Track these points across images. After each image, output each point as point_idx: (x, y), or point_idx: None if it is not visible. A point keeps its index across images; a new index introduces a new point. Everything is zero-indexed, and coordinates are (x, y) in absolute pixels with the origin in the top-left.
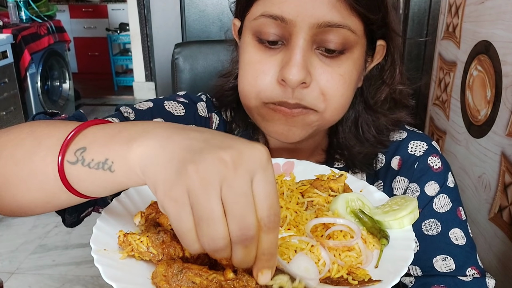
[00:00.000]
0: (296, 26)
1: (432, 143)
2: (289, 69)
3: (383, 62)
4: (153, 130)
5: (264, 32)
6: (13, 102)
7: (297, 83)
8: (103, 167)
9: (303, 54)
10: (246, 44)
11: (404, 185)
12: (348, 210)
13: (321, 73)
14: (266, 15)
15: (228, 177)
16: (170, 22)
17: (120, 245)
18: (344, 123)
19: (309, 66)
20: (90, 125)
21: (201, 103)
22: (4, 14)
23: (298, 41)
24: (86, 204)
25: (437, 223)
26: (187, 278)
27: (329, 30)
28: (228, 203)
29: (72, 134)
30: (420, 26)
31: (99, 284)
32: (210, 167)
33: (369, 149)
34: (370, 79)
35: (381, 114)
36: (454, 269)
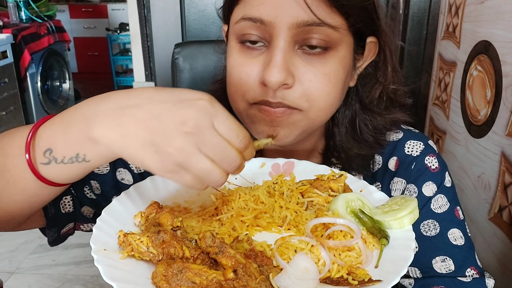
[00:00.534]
0: (275, 27)
1: (428, 142)
2: (269, 70)
3: (377, 59)
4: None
5: (245, 34)
6: (13, 102)
7: (278, 85)
8: (77, 160)
9: (283, 55)
10: (230, 48)
11: (401, 186)
12: (348, 210)
13: (304, 73)
14: (246, 18)
15: (198, 140)
16: (170, 22)
17: (120, 245)
18: (340, 124)
19: (291, 67)
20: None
21: None
22: (4, 14)
23: (278, 42)
24: (63, 219)
25: (436, 224)
26: (187, 278)
27: (309, 30)
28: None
29: (29, 138)
30: (420, 26)
31: (99, 284)
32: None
33: (366, 150)
34: (365, 77)
35: (377, 114)
36: (453, 270)
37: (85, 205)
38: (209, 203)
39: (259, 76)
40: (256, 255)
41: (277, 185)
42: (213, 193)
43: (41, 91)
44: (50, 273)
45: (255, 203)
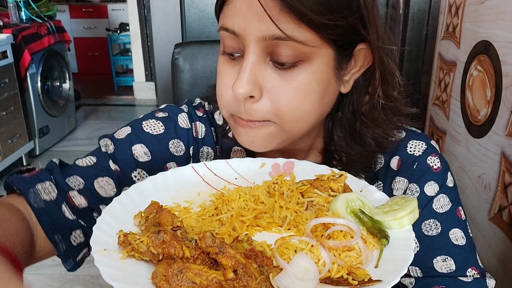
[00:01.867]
0: (245, 39)
1: (431, 142)
2: (236, 83)
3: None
4: None
5: (225, 44)
6: (13, 102)
7: (243, 97)
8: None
9: (251, 67)
10: (219, 54)
11: (403, 186)
12: (348, 210)
13: (272, 87)
14: (223, 28)
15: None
16: (170, 22)
17: (120, 245)
18: (338, 129)
19: (260, 80)
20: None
21: (182, 115)
22: (4, 14)
23: (248, 55)
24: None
25: (437, 223)
26: (187, 278)
27: (278, 43)
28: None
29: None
30: (420, 26)
31: (99, 284)
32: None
33: (368, 157)
34: (359, 84)
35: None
36: (454, 269)
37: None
38: (209, 203)
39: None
40: (256, 255)
41: (277, 185)
42: (213, 193)
43: (41, 91)
44: (50, 273)
45: (255, 203)
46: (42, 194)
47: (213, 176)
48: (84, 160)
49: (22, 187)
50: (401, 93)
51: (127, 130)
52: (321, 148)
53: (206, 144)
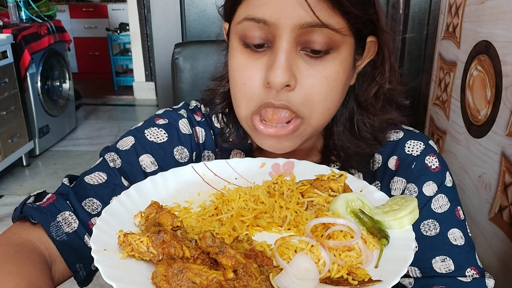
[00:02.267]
0: (278, 28)
1: (429, 142)
2: (273, 71)
3: (375, 58)
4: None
5: (249, 36)
6: (13, 102)
7: (281, 86)
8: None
9: (286, 56)
10: (233, 48)
11: (401, 186)
12: (348, 210)
13: (306, 76)
14: (249, 18)
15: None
16: (170, 22)
17: (120, 245)
18: (338, 123)
19: (294, 69)
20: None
21: (183, 120)
22: (4, 14)
23: (281, 43)
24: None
25: (436, 224)
26: (187, 278)
27: (312, 31)
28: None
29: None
30: (420, 26)
31: (99, 284)
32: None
33: (365, 149)
34: (362, 76)
35: (371, 114)
36: (453, 269)
37: None
38: (209, 203)
39: (263, 79)
40: (256, 255)
41: (277, 185)
42: (213, 193)
43: (41, 91)
44: None
45: (255, 203)
46: (63, 227)
47: (213, 176)
48: (93, 177)
49: (42, 220)
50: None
51: (130, 141)
52: (320, 147)
53: (206, 148)
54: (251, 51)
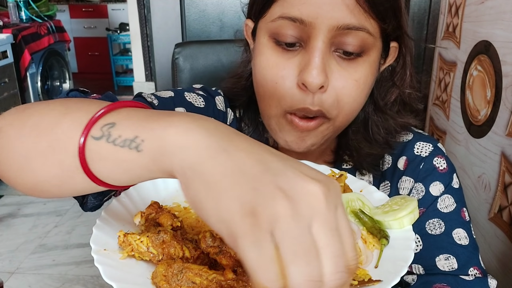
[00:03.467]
0: (315, 28)
1: (437, 144)
2: (309, 72)
3: (394, 63)
4: (201, 120)
5: (282, 33)
6: (13, 102)
7: (317, 87)
8: (129, 145)
9: (322, 56)
10: (262, 45)
11: (409, 185)
12: (348, 210)
13: (338, 78)
14: (284, 17)
15: (320, 212)
16: (170, 22)
17: (120, 245)
18: (353, 124)
19: (327, 69)
20: (126, 106)
21: (219, 97)
22: (4, 14)
23: (317, 44)
24: (110, 190)
25: (441, 223)
26: (187, 278)
27: (348, 33)
28: (323, 239)
29: (104, 110)
30: (420, 26)
31: (99, 284)
32: (303, 197)
33: (377, 150)
34: (381, 80)
35: (389, 116)
36: (457, 268)
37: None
38: None
39: (296, 79)
40: None
41: None
42: None
43: (41, 91)
44: (50, 273)
45: None
46: None
47: None
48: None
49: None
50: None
51: (169, 93)
52: (334, 147)
53: None
54: (282, 49)
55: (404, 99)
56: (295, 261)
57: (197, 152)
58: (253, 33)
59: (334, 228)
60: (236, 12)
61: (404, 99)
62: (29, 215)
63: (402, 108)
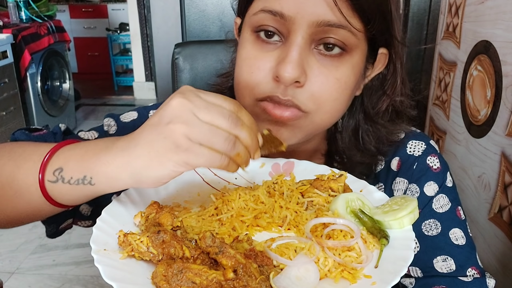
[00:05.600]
0: (295, 23)
1: (430, 142)
2: (284, 65)
3: (385, 71)
4: (113, 145)
5: (263, 28)
6: (13, 102)
7: (291, 81)
8: (83, 182)
9: (300, 52)
10: (244, 39)
11: (403, 186)
12: (348, 210)
13: (317, 75)
14: (265, 10)
15: (190, 107)
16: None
17: (120, 245)
18: (343, 132)
19: (305, 66)
20: (62, 147)
21: None
22: (4, 14)
23: (296, 39)
24: (64, 217)
25: (437, 223)
26: (187, 278)
27: (329, 30)
28: (207, 116)
29: (47, 157)
30: (420, 26)
31: (99, 284)
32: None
33: (369, 159)
34: (371, 88)
35: (381, 126)
36: (455, 269)
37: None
38: (209, 203)
39: (272, 71)
40: (256, 255)
41: (277, 185)
42: (213, 193)
43: (41, 91)
44: (50, 273)
45: (255, 203)
46: None
47: (213, 176)
48: (87, 133)
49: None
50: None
51: (133, 116)
52: (324, 151)
53: None
54: (262, 42)
55: (396, 107)
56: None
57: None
58: (240, 29)
59: (205, 105)
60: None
61: (396, 108)
62: None
63: (396, 116)
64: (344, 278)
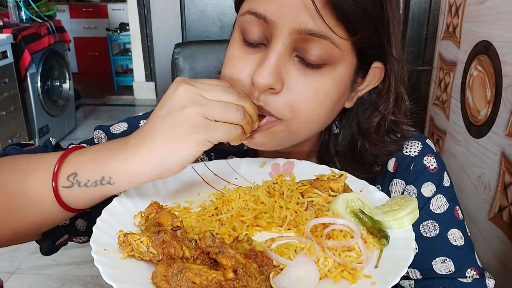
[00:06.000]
0: (277, 28)
1: (426, 141)
2: (259, 71)
3: (381, 86)
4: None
5: (248, 30)
6: (13, 102)
7: (264, 87)
8: (101, 183)
9: (278, 58)
10: (232, 39)
11: (401, 188)
12: (348, 210)
13: (294, 83)
14: (251, 12)
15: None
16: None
17: (120, 245)
18: (339, 144)
19: (283, 73)
20: (70, 153)
21: None
22: (4, 14)
23: (276, 45)
24: (59, 231)
25: (435, 224)
26: (187, 278)
27: (311, 39)
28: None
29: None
30: (420, 26)
31: (99, 284)
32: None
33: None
34: (365, 102)
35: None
36: (454, 270)
37: (79, 217)
38: (209, 203)
39: (250, 75)
40: (256, 255)
41: (277, 185)
42: (213, 193)
43: (41, 91)
44: (50, 273)
45: (255, 203)
46: None
47: (213, 176)
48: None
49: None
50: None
51: (123, 127)
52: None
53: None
54: (247, 46)
55: (389, 125)
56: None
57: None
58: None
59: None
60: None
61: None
62: None
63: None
64: (344, 278)
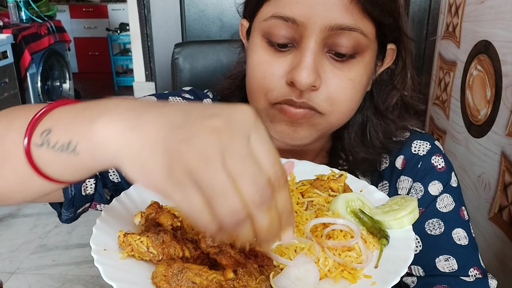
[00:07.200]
0: (307, 28)
1: (435, 142)
2: (299, 71)
3: (393, 66)
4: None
5: (274, 34)
6: (13, 102)
7: (307, 86)
8: (67, 149)
9: (314, 57)
10: (255, 45)
11: (408, 185)
12: (348, 210)
13: (331, 77)
14: (277, 16)
15: (226, 144)
16: (170, 22)
17: (120, 245)
18: (350, 128)
19: (319, 69)
20: (59, 106)
21: (207, 100)
22: (4, 14)
23: (309, 44)
24: (82, 200)
25: (440, 223)
26: (187, 278)
27: (341, 33)
28: (236, 169)
29: (39, 115)
30: (420, 25)
31: (99, 284)
32: (204, 139)
33: (374, 156)
34: (380, 83)
35: (390, 121)
36: (457, 269)
37: (106, 188)
38: None
39: (286, 76)
40: (256, 255)
41: None
42: None
43: (42, 91)
44: (50, 273)
45: None
46: None
47: None
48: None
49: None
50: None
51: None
52: (329, 149)
53: None
54: (275, 49)
55: (405, 101)
56: (215, 199)
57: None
58: (248, 32)
59: (245, 154)
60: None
61: (405, 102)
62: (29, 215)
63: (404, 110)
64: (344, 278)
